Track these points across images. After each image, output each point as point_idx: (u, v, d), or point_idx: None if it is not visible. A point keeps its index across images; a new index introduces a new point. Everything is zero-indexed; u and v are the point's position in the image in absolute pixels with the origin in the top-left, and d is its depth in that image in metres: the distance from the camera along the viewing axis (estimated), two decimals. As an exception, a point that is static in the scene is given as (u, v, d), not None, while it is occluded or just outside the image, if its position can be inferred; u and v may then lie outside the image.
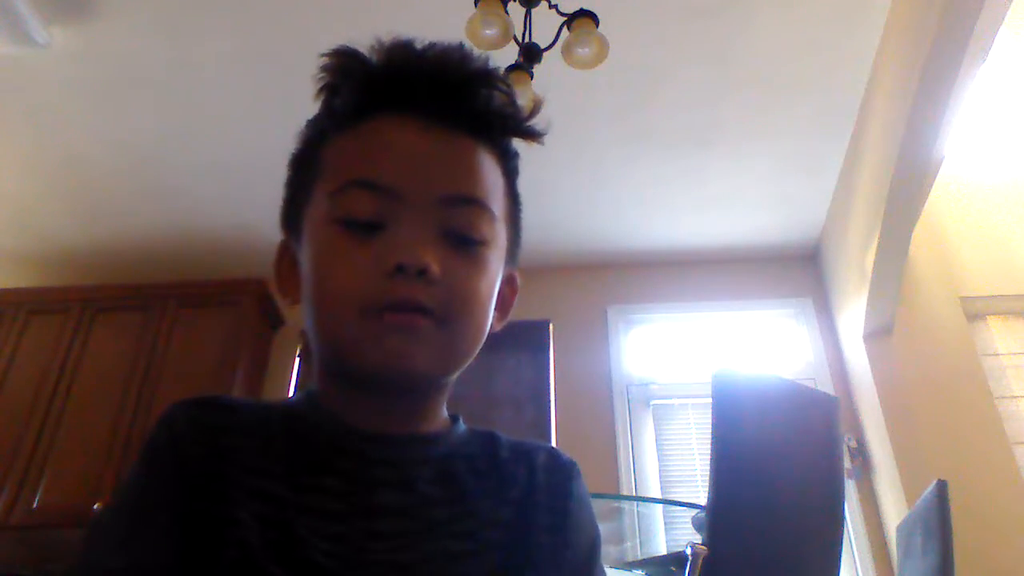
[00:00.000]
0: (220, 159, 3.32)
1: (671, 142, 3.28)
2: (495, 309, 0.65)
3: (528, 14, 2.27)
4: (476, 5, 2.11)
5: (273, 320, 3.86)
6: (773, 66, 2.90)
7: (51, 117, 3.13)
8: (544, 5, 2.24)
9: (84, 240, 3.84)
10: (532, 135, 0.65)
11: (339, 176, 0.60)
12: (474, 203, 0.60)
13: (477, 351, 0.62)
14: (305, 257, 0.61)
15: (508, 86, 0.64)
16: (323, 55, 0.62)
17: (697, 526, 1.99)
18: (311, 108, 0.65)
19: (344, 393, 0.61)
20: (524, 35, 2.24)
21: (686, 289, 3.93)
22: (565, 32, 2.20)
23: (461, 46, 0.62)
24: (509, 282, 0.68)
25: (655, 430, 3.60)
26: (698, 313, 3.91)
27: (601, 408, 3.59)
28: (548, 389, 3.66)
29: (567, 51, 2.18)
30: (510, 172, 0.66)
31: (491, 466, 0.64)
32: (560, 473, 0.65)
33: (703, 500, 1.70)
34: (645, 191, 3.58)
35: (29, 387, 3.43)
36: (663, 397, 3.67)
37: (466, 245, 0.59)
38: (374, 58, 0.62)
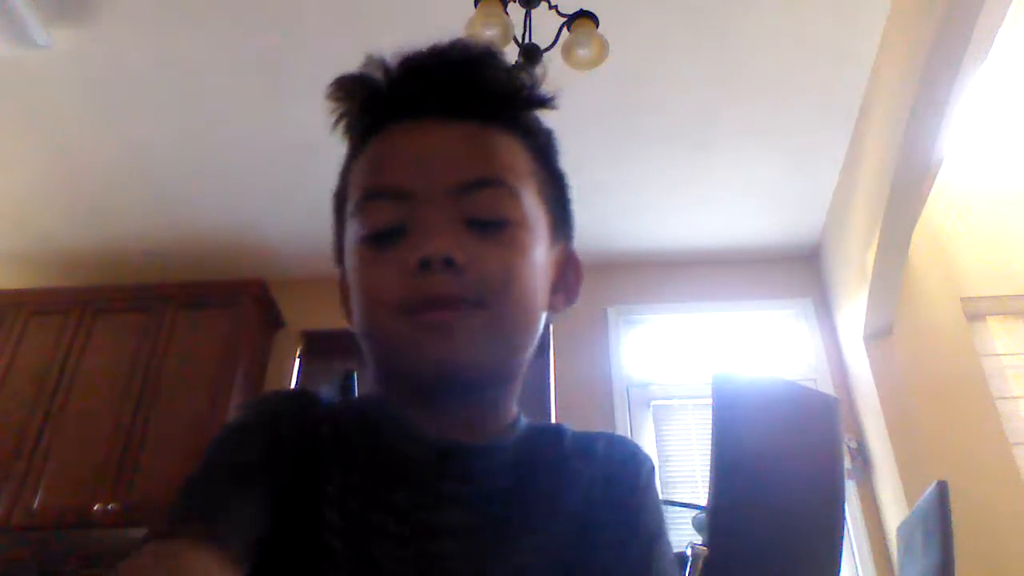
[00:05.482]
0: (220, 159, 3.32)
1: (671, 142, 3.27)
2: (558, 291, 0.66)
3: (528, 15, 2.26)
4: (476, 6, 2.11)
5: (273, 320, 3.86)
6: (773, 66, 2.90)
7: (51, 118, 3.13)
8: (544, 6, 2.24)
9: (84, 240, 3.84)
10: (542, 103, 0.64)
11: (357, 194, 0.61)
12: (489, 183, 0.59)
13: (532, 335, 0.61)
14: (350, 281, 0.62)
15: (506, 63, 0.63)
16: (328, 87, 0.63)
17: (697, 526, 1.99)
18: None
19: (409, 401, 0.59)
20: (524, 36, 2.23)
21: (686, 289, 3.92)
22: (565, 33, 2.19)
23: (458, 40, 0.62)
24: (569, 262, 0.68)
25: (655, 430, 3.60)
26: (698, 313, 3.90)
27: (601, 408, 3.58)
28: (548, 389, 3.65)
29: (567, 52, 2.18)
30: (540, 149, 0.65)
31: (555, 470, 0.62)
32: (625, 467, 0.65)
33: (703, 500, 1.70)
34: (645, 191, 3.58)
35: (29, 387, 3.42)
36: (663, 397, 3.66)
37: (492, 228, 0.57)
38: (374, 74, 0.62)
